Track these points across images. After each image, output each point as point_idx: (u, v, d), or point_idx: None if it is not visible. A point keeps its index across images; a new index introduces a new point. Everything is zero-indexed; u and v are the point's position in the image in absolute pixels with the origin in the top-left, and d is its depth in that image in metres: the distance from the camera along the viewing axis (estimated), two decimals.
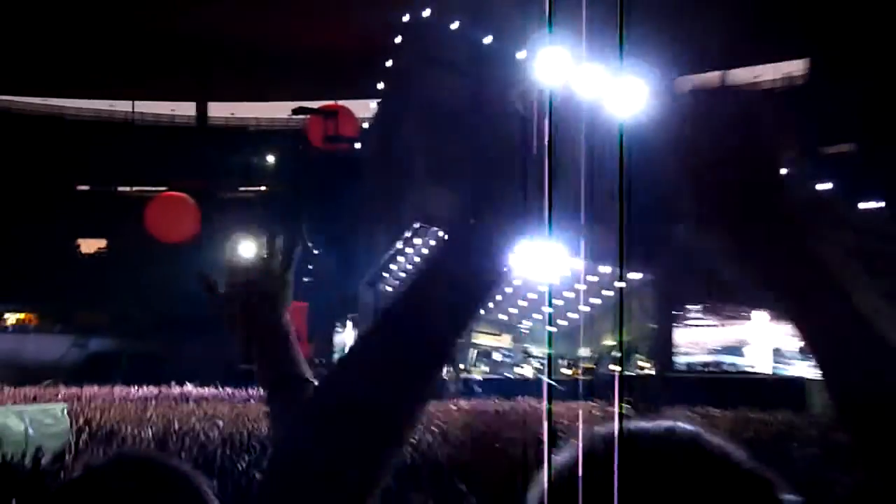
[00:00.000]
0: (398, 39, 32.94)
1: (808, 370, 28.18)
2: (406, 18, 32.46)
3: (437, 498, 11.81)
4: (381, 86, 34.31)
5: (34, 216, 47.63)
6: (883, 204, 33.05)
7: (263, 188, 50.23)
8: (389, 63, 33.51)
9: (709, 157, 1.31)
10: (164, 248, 37.98)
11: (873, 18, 32.73)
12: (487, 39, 29.74)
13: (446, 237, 1.53)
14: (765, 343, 30.15)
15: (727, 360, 30.20)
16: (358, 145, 34.78)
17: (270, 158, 49.10)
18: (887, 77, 33.44)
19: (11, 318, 48.00)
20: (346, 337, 36.20)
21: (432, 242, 34.01)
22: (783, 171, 1.37)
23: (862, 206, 32.45)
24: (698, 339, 30.66)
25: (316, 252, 37.23)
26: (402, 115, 33.09)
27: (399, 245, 34.17)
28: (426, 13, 31.84)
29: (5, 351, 43.61)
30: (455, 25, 31.07)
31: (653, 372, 27.81)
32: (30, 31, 45.04)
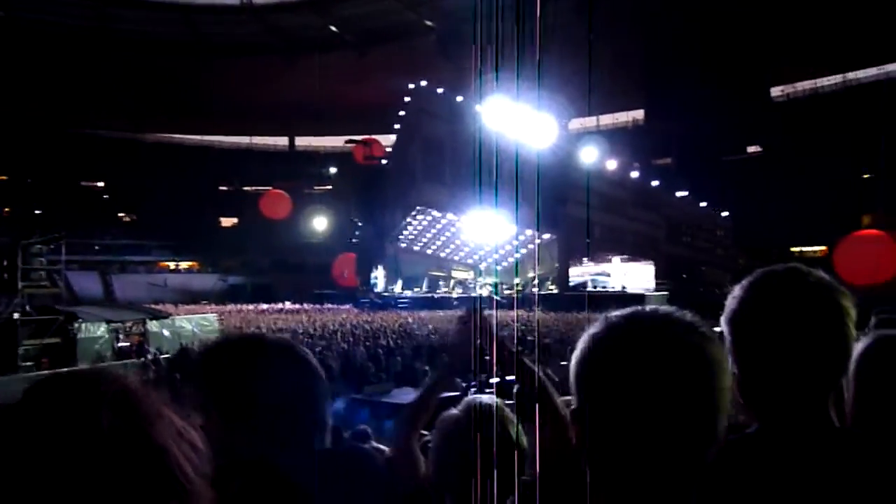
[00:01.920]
0: (407, 98, 32.67)
1: (645, 288, 28.51)
2: (412, 86, 32.18)
3: (433, 367, 11.72)
4: (397, 126, 34.07)
5: (195, 205, 47.40)
6: (687, 193, 33.24)
7: (329, 187, 49.94)
8: (402, 112, 33.27)
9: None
10: (271, 222, 37.88)
11: (684, 80, 32.67)
12: (459, 98, 29.58)
13: None
14: (619, 274, 30.24)
15: (599, 283, 30.19)
16: (384, 161, 34.67)
17: (332, 170, 48.74)
18: (692, 117, 33.45)
19: (184, 264, 47.80)
20: (377, 274, 35.85)
21: (428, 219, 34.07)
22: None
23: (678, 194, 32.66)
24: (582, 271, 30.67)
25: (360, 224, 37.14)
26: (409, 143, 32.91)
27: (407, 219, 34.12)
28: (423, 83, 31.62)
29: (180, 284, 43.58)
30: (440, 90, 30.89)
31: (556, 291, 27.91)
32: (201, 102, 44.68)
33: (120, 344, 15.89)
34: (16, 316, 14.33)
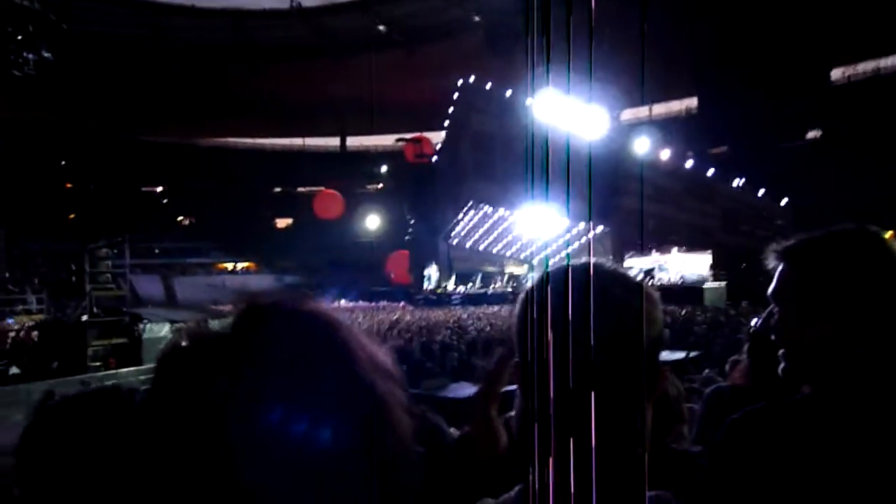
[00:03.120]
0: (455, 95, 32.72)
1: (702, 277, 27.97)
2: (460, 83, 32.23)
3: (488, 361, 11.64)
4: (446, 123, 34.13)
5: (250, 207, 48.29)
6: (744, 181, 32.46)
7: (380, 186, 50.23)
8: (451, 109, 33.32)
9: None
10: (324, 222, 38.38)
11: (738, 65, 31.94)
12: (508, 93, 29.48)
13: None
14: (677, 264, 29.79)
15: (656, 276, 29.68)
16: (434, 159, 34.77)
17: (384, 168, 48.95)
18: (747, 104, 32.66)
19: (241, 265, 48.69)
20: (431, 271, 35.83)
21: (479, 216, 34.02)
22: None
23: (734, 183, 31.97)
24: (637, 264, 30.25)
25: (412, 221, 37.33)
26: (459, 140, 32.95)
27: (459, 216, 34.16)
28: (472, 79, 31.63)
29: (238, 284, 44.45)
30: (488, 86, 30.84)
31: None
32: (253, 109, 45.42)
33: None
34: (84, 318, 14.86)
